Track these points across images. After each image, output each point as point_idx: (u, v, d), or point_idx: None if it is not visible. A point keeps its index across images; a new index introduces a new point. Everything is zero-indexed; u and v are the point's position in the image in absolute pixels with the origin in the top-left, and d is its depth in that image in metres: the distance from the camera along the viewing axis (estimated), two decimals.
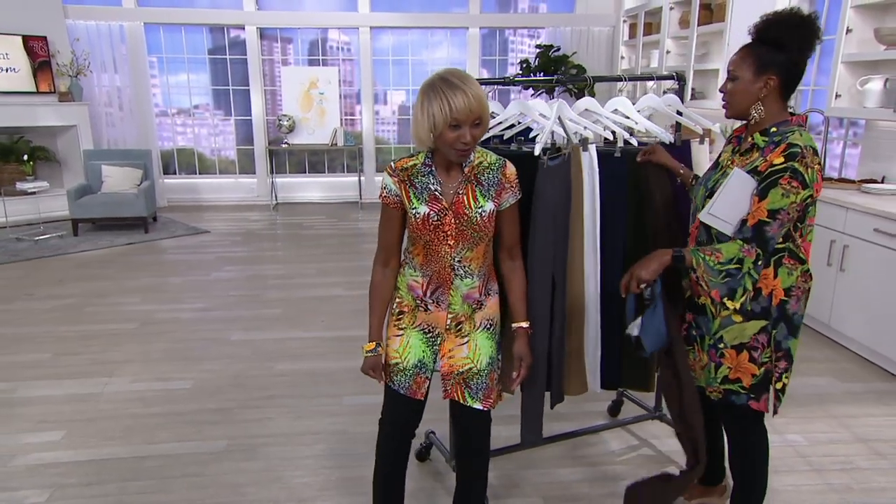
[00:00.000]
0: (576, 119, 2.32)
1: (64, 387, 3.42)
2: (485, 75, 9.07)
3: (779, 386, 1.93)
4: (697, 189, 2.01)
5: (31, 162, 6.98)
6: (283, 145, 8.33)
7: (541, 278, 2.18)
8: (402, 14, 8.42)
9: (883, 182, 4.22)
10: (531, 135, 2.48)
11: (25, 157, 6.92)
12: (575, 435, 2.85)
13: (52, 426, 3.02)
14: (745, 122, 1.93)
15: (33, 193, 6.60)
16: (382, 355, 1.98)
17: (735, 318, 1.90)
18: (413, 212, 1.82)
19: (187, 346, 3.99)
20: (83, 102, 7.55)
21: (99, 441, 2.91)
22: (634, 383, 2.65)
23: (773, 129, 1.83)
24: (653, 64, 7.24)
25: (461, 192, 1.81)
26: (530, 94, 8.72)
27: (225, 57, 8.48)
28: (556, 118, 2.24)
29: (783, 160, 1.74)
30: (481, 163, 1.83)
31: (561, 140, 2.33)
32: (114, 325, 4.32)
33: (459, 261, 1.85)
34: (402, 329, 1.96)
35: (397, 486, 2.11)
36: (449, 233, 1.81)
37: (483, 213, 1.81)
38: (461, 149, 1.71)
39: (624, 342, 2.16)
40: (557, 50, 8.14)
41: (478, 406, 1.94)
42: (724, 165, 1.94)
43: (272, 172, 8.65)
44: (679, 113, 2.52)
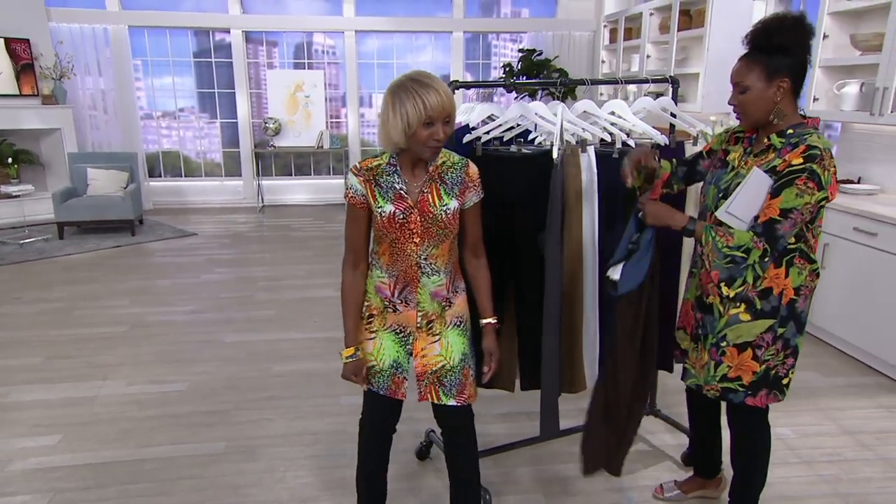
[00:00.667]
0: (574, 121, 2.32)
1: (57, 391, 3.34)
2: (469, 78, 9.08)
3: (785, 381, 1.95)
4: (708, 188, 2.01)
5: (15, 165, 6.81)
6: (269, 148, 8.25)
7: (553, 277, 2.17)
8: (387, 18, 8.39)
9: (859, 182, 4.29)
10: (530, 136, 2.48)
11: (10, 161, 6.75)
12: (573, 431, 2.85)
13: (48, 430, 2.95)
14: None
15: (17, 197, 6.45)
16: (362, 361, 1.94)
17: (743, 318, 1.91)
18: (379, 210, 1.80)
19: (180, 348, 3.93)
20: (67, 105, 7.40)
21: (96, 445, 2.84)
22: None
23: (790, 131, 1.84)
24: (633, 68, 7.30)
25: (426, 190, 1.81)
26: (513, 98, 8.75)
27: (210, 60, 8.37)
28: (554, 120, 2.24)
29: (802, 161, 1.75)
30: (444, 162, 1.85)
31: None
32: (104, 328, 4.24)
33: (426, 258, 1.85)
34: (373, 332, 1.94)
35: (381, 484, 2.14)
36: (414, 230, 1.81)
37: (448, 211, 1.82)
38: (434, 146, 1.72)
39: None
40: (540, 54, 8.16)
41: (452, 402, 1.94)
42: (735, 166, 1.94)
43: (258, 175, 8.57)
44: (673, 115, 2.54)
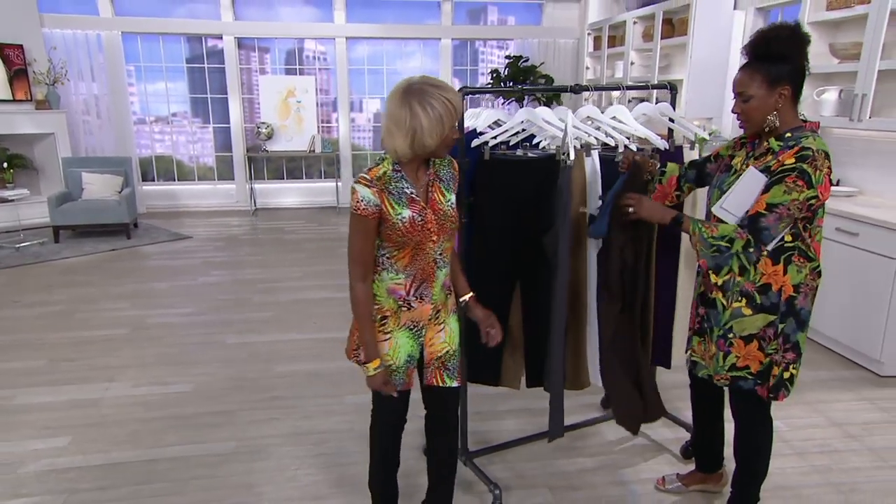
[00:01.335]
0: (579, 125, 2.34)
1: (63, 393, 3.29)
2: (457, 84, 9.09)
3: (786, 376, 1.98)
4: (712, 191, 2.06)
5: (10, 170, 6.70)
6: (262, 152, 8.20)
7: (563, 276, 2.19)
8: (377, 25, 8.38)
9: (838, 185, 4.38)
10: (534, 141, 2.50)
11: (5, 165, 6.63)
12: (575, 427, 2.88)
13: (57, 432, 2.91)
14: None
15: (13, 201, 6.34)
16: (388, 367, 1.91)
17: (745, 312, 1.95)
18: (398, 218, 1.77)
19: (182, 350, 3.89)
20: (60, 110, 7.28)
21: (106, 446, 2.81)
22: None
23: (788, 135, 1.88)
24: (617, 74, 7.36)
25: (431, 190, 1.85)
26: (500, 103, 8.79)
27: (203, 66, 8.29)
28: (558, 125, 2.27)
29: (794, 161, 1.80)
30: (435, 161, 1.88)
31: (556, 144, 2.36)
32: (105, 330, 4.18)
33: (441, 253, 1.88)
34: (388, 333, 1.91)
35: (394, 482, 2.17)
36: (431, 229, 1.82)
37: (452, 205, 1.88)
38: (452, 144, 1.77)
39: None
40: (526, 60, 8.21)
41: (455, 384, 2.01)
42: (738, 169, 1.98)
43: (251, 178, 8.51)
44: (671, 120, 2.57)
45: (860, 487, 2.53)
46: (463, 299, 2.05)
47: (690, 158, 2.59)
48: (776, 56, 1.82)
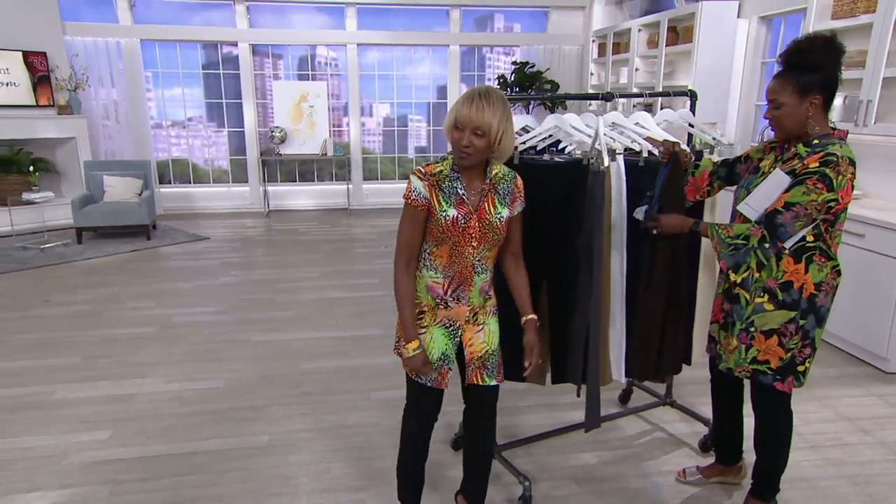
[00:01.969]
0: (605, 131, 2.38)
1: (100, 388, 3.33)
2: (464, 90, 9.11)
3: (801, 369, 2.02)
4: (739, 190, 2.10)
5: (36, 173, 6.73)
6: (275, 155, 8.24)
7: (598, 277, 2.23)
8: (388, 32, 8.42)
9: None
10: (560, 146, 2.53)
11: (31, 169, 6.68)
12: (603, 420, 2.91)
13: (98, 426, 2.94)
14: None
15: (38, 203, 6.37)
16: (424, 353, 1.95)
17: (767, 307, 1.99)
18: (442, 214, 1.84)
19: (210, 347, 3.92)
20: (81, 116, 7.32)
21: (145, 439, 2.84)
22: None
23: (816, 141, 1.92)
24: (622, 80, 7.40)
25: (484, 198, 1.88)
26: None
27: (218, 72, 8.33)
28: (582, 131, 2.30)
29: (818, 165, 1.84)
30: (497, 174, 1.91)
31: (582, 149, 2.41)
32: (134, 329, 4.22)
33: (480, 260, 1.92)
34: (424, 327, 1.98)
35: (421, 472, 2.19)
36: (473, 235, 1.86)
37: (501, 219, 1.89)
38: (461, 151, 1.78)
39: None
40: (532, 66, 8.24)
41: (493, 382, 2.04)
42: (766, 171, 2.02)
43: (264, 181, 8.55)
44: (691, 125, 2.61)
45: (875, 479, 2.57)
46: (524, 319, 2.05)
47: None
48: (809, 66, 1.86)
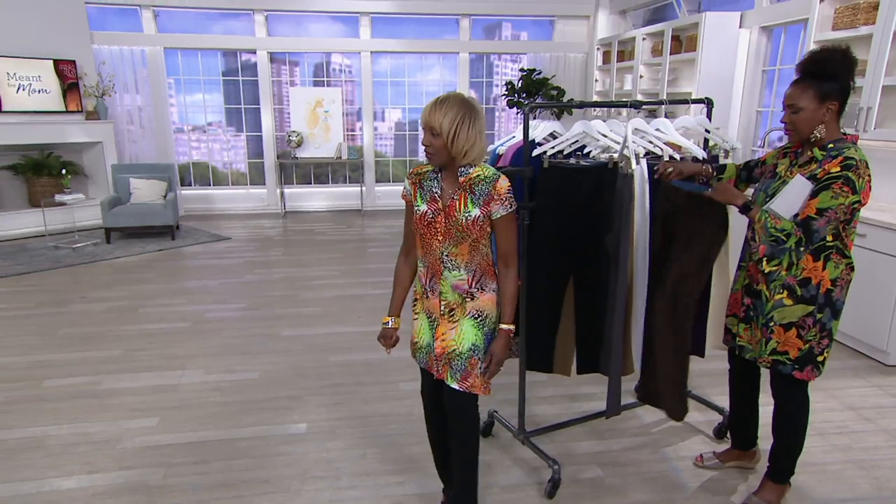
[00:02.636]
0: (631, 137, 2.46)
1: (143, 379, 3.42)
2: (473, 94, 9.21)
3: (819, 359, 2.11)
4: (758, 194, 2.18)
5: (68, 176, 6.83)
6: (291, 159, 8.33)
7: (623, 272, 2.31)
8: (400, 40, 8.51)
9: None
10: (585, 150, 2.62)
11: (64, 172, 6.78)
12: (625, 408, 2.99)
13: (145, 414, 3.03)
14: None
15: (70, 205, 6.47)
16: (394, 329, 2.13)
17: (786, 302, 2.07)
18: (417, 209, 1.96)
19: (243, 341, 4.01)
20: (108, 121, 7.42)
21: (192, 426, 2.93)
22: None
23: (831, 145, 2.00)
24: (626, 87, 7.48)
25: (455, 197, 1.91)
26: (514, 113, 8.92)
27: (237, 78, 8.42)
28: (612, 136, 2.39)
29: (839, 169, 1.91)
30: (478, 175, 1.91)
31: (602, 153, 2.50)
32: (168, 324, 4.31)
33: (447, 255, 1.94)
34: (417, 313, 2.11)
35: (444, 444, 2.20)
36: (439, 230, 1.93)
37: (468, 218, 1.90)
38: (425, 150, 1.87)
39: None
40: (539, 73, 8.33)
41: (454, 385, 1.97)
42: (782, 175, 2.11)
43: (281, 183, 8.63)
44: (707, 131, 2.69)
45: (880, 464, 2.65)
46: (499, 326, 2.00)
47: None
48: (829, 75, 1.94)
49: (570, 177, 2.43)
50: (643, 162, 2.46)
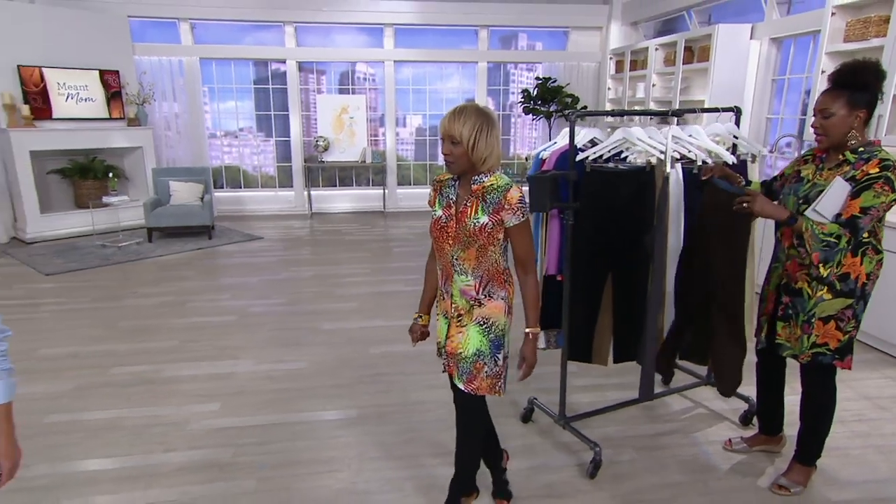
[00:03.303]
0: (663, 142, 2.55)
1: (200, 368, 3.53)
2: (490, 104, 9.31)
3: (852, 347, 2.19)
4: (787, 198, 2.24)
5: (114, 178, 6.98)
6: (318, 162, 8.45)
7: (660, 269, 2.40)
8: (421, 50, 8.62)
9: None
10: (622, 155, 2.71)
11: (111, 175, 6.94)
12: (658, 396, 3.08)
13: (207, 399, 3.14)
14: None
15: (116, 206, 6.61)
16: (422, 325, 2.18)
17: (826, 297, 2.15)
18: (433, 212, 2.03)
19: (288, 334, 4.11)
20: (148, 127, 7.56)
21: (251, 410, 3.04)
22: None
23: (862, 149, 2.08)
24: (638, 94, 7.56)
25: (468, 204, 1.92)
26: (530, 119, 9.00)
27: (268, 87, 8.56)
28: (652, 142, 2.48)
29: (878, 170, 1.99)
30: (492, 184, 1.89)
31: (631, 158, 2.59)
32: (217, 317, 4.42)
33: (456, 259, 1.95)
34: (438, 315, 2.14)
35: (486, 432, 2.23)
36: (450, 233, 1.95)
37: (477, 224, 1.89)
38: (445, 158, 1.88)
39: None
40: (554, 81, 8.42)
41: (461, 385, 2.01)
42: (811, 179, 2.18)
43: (308, 185, 8.76)
44: (736, 137, 2.78)
45: None
46: (524, 330, 2.01)
47: (751, 170, 2.81)
48: (860, 84, 2.02)
49: (611, 180, 2.52)
50: (678, 166, 2.56)
